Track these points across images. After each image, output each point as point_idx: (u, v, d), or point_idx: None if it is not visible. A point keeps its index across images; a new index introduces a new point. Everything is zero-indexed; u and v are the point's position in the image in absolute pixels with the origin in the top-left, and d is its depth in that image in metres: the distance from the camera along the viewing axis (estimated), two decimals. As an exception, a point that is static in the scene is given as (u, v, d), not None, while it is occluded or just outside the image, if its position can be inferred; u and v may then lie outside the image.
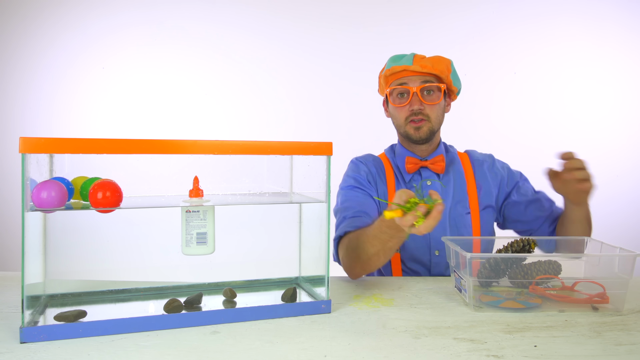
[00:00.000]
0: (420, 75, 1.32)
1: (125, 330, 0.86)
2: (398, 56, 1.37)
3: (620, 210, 2.86)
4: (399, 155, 1.43)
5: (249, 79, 2.97)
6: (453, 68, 1.35)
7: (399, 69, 1.32)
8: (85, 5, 2.94)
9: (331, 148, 0.97)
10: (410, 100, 1.32)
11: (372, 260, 1.14)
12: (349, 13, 2.97)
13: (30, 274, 0.85)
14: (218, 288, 1.10)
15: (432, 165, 1.39)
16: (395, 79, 1.35)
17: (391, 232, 1.04)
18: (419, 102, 1.32)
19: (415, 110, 1.32)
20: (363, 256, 1.15)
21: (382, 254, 1.11)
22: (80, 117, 2.95)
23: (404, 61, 1.32)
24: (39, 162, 0.90)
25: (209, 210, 0.97)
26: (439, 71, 1.31)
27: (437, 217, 0.91)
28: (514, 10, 2.97)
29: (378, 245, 1.09)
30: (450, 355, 0.78)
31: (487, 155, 1.49)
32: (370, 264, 1.15)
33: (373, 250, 1.11)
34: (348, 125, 2.93)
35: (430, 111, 1.34)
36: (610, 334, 0.87)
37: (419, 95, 1.31)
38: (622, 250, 1.03)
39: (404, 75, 1.33)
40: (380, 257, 1.12)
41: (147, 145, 0.84)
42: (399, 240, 1.07)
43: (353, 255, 1.18)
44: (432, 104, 1.33)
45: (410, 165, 1.39)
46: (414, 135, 1.35)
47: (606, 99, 2.96)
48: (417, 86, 1.31)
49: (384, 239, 1.07)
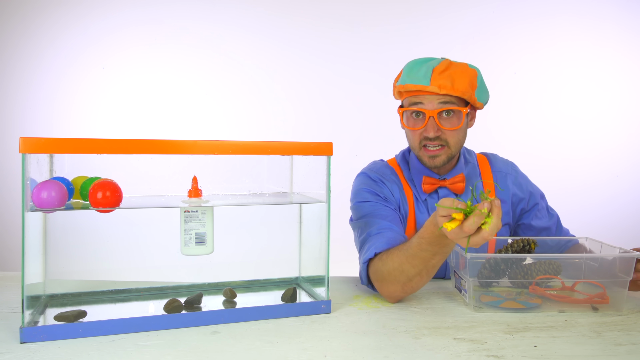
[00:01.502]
0: (439, 96, 1.13)
1: (125, 330, 0.86)
2: (415, 66, 1.17)
3: (620, 210, 2.86)
4: (414, 169, 1.27)
5: (248, 79, 2.97)
6: (479, 81, 1.18)
7: (414, 88, 1.14)
8: (85, 5, 2.94)
9: (331, 148, 0.97)
10: (426, 125, 1.15)
11: (414, 281, 1.01)
12: (349, 13, 2.97)
13: (30, 274, 0.85)
14: (218, 288, 1.10)
15: (451, 185, 1.24)
16: (410, 95, 1.17)
17: (434, 248, 0.94)
18: (435, 128, 1.14)
19: (431, 137, 1.15)
20: (402, 278, 1.02)
21: (424, 273, 1.00)
22: (80, 117, 2.95)
23: (420, 77, 1.13)
24: (39, 162, 0.90)
25: (207, 210, 0.97)
26: (460, 92, 1.12)
27: (499, 213, 0.81)
28: (514, 10, 2.97)
29: (420, 265, 0.98)
30: (450, 356, 0.78)
31: (510, 166, 1.34)
32: (412, 286, 1.03)
33: (414, 271, 0.99)
34: (348, 126, 2.93)
35: (449, 136, 1.16)
36: (610, 334, 0.88)
37: (435, 120, 1.14)
38: (622, 250, 1.03)
39: (419, 94, 1.15)
40: (423, 277, 1.01)
41: (147, 145, 0.84)
42: (442, 257, 0.97)
43: (390, 279, 1.04)
44: (452, 129, 1.15)
45: (427, 185, 1.24)
46: (428, 163, 1.21)
47: (606, 98, 2.97)
48: (433, 109, 1.14)
49: (426, 257, 0.96)
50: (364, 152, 1.62)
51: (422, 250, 0.96)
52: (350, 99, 2.95)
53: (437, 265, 0.99)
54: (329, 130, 2.94)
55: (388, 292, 1.06)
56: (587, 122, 2.96)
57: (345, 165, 1.48)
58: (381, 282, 1.06)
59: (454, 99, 1.14)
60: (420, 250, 0.96)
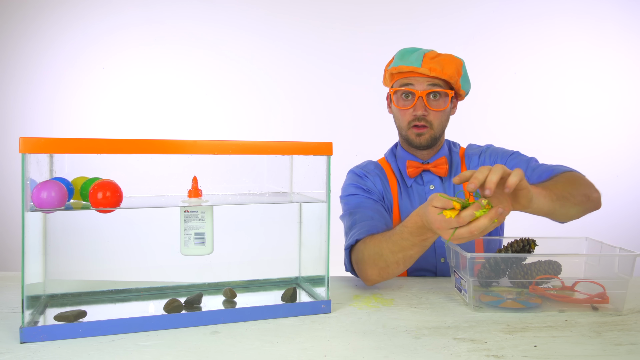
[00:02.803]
0: (427, 77, 1.25)
1: (125, 330, 0.86)
2: (407, 52, 1.28)
3: (620, 210, 2.85)
4: (400, 159, 1.38)
5: (248, 79, 2.97)
6: (464, 70, 1.29)
7: (406, 69, 1.25)
8: (85, 5, 2.94)
9: (331, 148, 0.97)
10: (415, 104, 1.26)
11: (390, 267, 1.07)
12: (349, 13, 2.97)
13: (30, 274, 0.85)
14: (218, 288, 1.10)
15: (434, 168, 1.33)
16: (402, 77, 1.28)
17: (414, 239, 0.99)
18: (424, 107, 1.26)
19: (419, 115, 1.26)
20: (380, 263, 1.08)
21: (401, 262, 1.05)
22: (80, 117, 2.95)
23: (412, 61, 1.25)
24: (39, 162, 0.90)
25: (207, 210, 0.97)
26: (448, 76, 1.24)
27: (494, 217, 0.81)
28: (514, 10, 2.97)
29: (398, 254, 1.04)
30: (450, 355, 0.78)
31: (485, 146, 1.40)
32: (388, 272, 1.09)
33: (392, 258, 1.05)
34: (348, 125, 2.93)
35: (433, 118, 1.28)
36: (610, 334, 0.88)
37: (424, 100, 1.25)
38: (622, 250, 1.03)
39: (410, 75, 1.26)
40: (400, 265, 1.06)
41: (147, 145, 0.84)
42: (420, 249, 1.02)
43: (370, 262, 1.10)
44: (438, 110, 1.27)
45: (411, 169, 1.34)
46: (415, 141, 1.30)
47: (606, 98, 2.97)
48: (423, 90, 1.25)
49: (405, 246, 1.02)
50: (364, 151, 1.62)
51: (402, 239, 1.01)
52: (350, 99, 2.95)
53: (414, 256, 1.04)
54: (328, 130, 2.94)
55: (366, 274, 1.13)
56: (587, 122, 2.96)
57: (345, 165, 1.48)
58: (361, 265, 1.13)
59: (442, 82, 1.26)
60: (401, 238, 1.02)
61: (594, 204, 1.13)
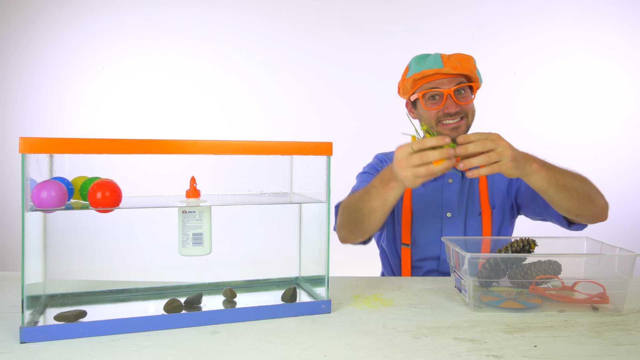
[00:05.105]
0: (452, 77, 1.29)
1: (125, 330, 0.86)
2: (422, 57, 1.33)
3: (620, 210, 2.85)
4: None
5: (249, 79, 2.97)
6: (476, 64, 1.35)
7: (430, 72, 1.28)
8: (85, 5, 2.94)
9: (331, 148, 0.97)
10: (445, 103, 1.28)
11: (352, 217, 1.21)
12: (349, 13, 2.97)
13: (30, 274, 0.85)
14: (218, 288, 1.10)
15: None
16: (425, 81, 1.31)
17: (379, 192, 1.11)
18: (454, 104, 1.28)
19: (452, 113, 1.28)
20: (345, 213, 1.24)
21: (361, 215, 1.18)
22: (80, 117, 2.95)
23: (434, 63, 1.28)
24: (39, 162, 0.90)
25: (205, 210, 0.97)
26: (469, 70, 1.29)
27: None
28: (514, 10, 2.97)
29: (360, 203, 1.17)
30: (450, 355, 0.78)
31: None
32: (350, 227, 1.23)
33: (354, 207, 1.19)
34: (348, 125, 2.93)
35: (467, 108, 1.32)
36: (610, 334, 0.87)
37: (453, 98, 1.28)
38: (622, 250, 1.03)
39: (435, 78, 1.29)
40: (365, 218, 1.18)
41: (147, 145, 0.84)
42: (381, 204, 1.14)
43: (342, 212, 1.27)
44: (467, 103, 1.30)
45: None
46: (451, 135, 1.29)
47: (606, 98, 2.97)
48: (450, 88, 1.28)
49: (370, 196, 1.14)
50: (364, 151, 1.62)
51: (371, 186, 1.15)
52: (350, 99, 2.95)
53: (372, 211, 1.16)
54: (328, 130, 2.94)
55: (337, 225, 1.30)
56: (587, 122, 2.96)
57: (345, 165, 1.49)
58: (338, 216, 1.29)
59: (464, 78, 1.31)
60: (371, 186, 1.15)
61: (598, 210, 1.22)
